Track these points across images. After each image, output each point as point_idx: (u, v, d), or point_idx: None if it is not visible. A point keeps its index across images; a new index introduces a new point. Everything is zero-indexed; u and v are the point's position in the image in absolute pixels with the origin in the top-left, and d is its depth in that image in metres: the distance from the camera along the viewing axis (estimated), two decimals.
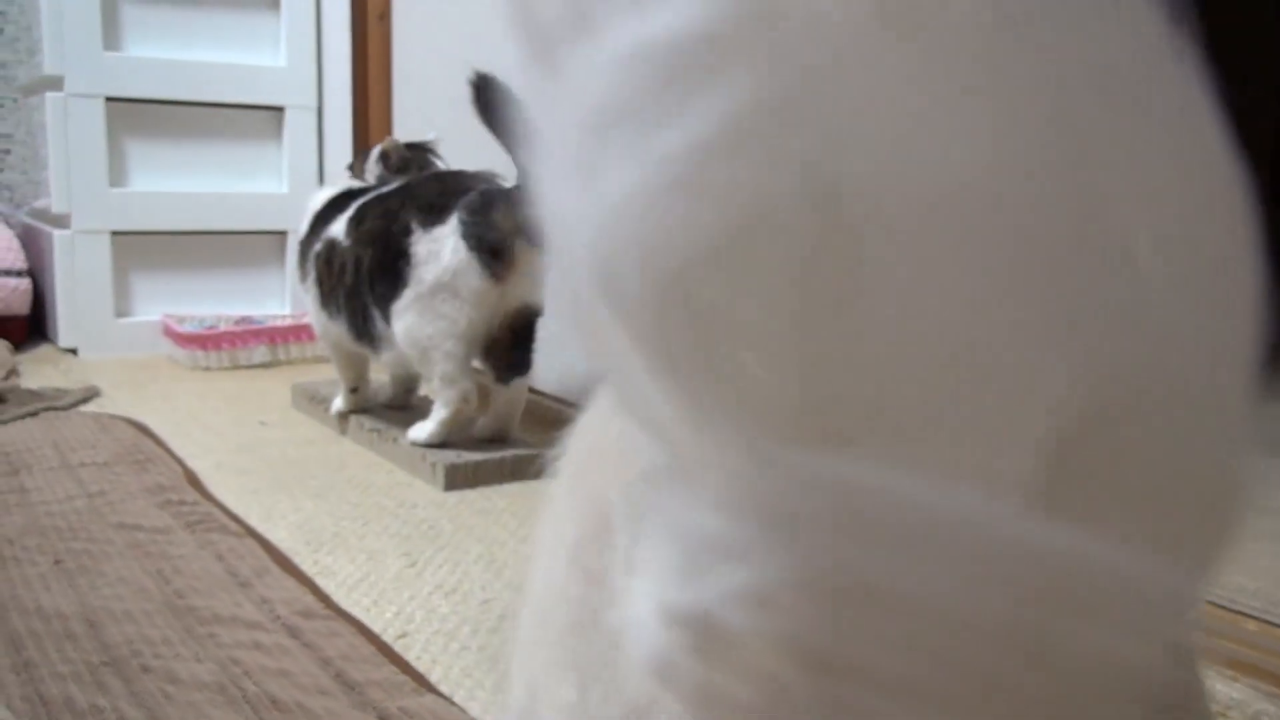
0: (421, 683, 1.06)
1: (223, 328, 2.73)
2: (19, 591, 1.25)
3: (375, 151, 2.06)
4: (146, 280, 2.85)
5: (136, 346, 2.77)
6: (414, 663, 1.12)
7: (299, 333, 2.79)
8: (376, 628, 1.20)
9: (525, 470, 1.80)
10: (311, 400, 2.18)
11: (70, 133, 2.67)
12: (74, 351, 2.75)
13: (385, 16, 2.72)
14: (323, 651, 1.11)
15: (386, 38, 2.73)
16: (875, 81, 0.25)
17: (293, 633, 1.15)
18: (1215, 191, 0.28)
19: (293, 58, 2.95)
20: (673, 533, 0.27)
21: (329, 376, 2.47)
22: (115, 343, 2.76)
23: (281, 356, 2.75)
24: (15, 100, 3.46)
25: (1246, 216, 0.28)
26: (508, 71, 2.29)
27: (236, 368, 2.66)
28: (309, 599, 1.25)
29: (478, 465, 1.76)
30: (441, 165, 2.06)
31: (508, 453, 1.81)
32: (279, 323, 2.84)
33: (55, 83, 2.66)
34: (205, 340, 2.65)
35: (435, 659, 1.13)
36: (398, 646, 1.15)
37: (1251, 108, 0.88)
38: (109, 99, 2.71)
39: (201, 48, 2.84)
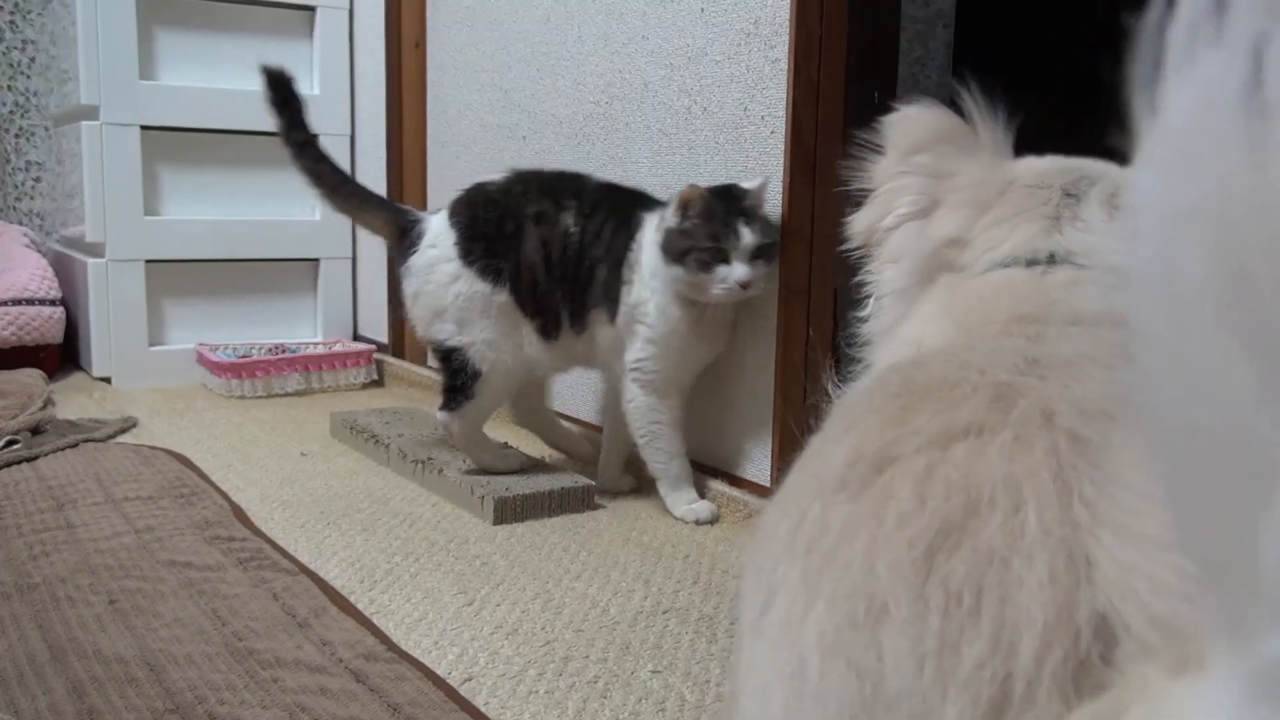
0: None
1: (257, 356, 2.72)
2: (76, 634, 1.23)
3: (674, 199, 1.67)
4: (180, 308, 2.85)
5: (170, 375, 2.77)
6: (483, 708, 1.09)
7: (332, 360, 2.78)
8: (440, 670, 1.18)
9: (572, 502, 1.78)
10: (351, 430, 2.16)
11: (105, 162, 2.67)
12: (108, 380, 2.74)
13: (420, 44, 2.71)
14: (390, 697, 1.09)
15: (421, 65, 2.72)
16: None
17: (358, 677, 1.13)
18: None
19: (326, 85, 2.95)
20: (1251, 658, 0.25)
21: (366, 405, 2.45)
22: (149, 371, 2.76)
23: (315, 385, 2.74)
24: (47, 128, 3.47)
25: None
26: (536, 95, 2.29)
27: (271, 396, 2.65)
28: (370, 640, 1.23)
29: (526, 498, 1.74)
30: (761, 213, 1.67)
31: (555, 485, 1.78)
32: (312, 350, 2.83)
33: (90, 112, 2.66)
34: (240, 369, 2.64)
35: (504, 704, 1.11)
36: (464, 691, 1.13)
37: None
38: (144, 128, 2.71)
39: (235, 76, 2.84)
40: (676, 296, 1.70)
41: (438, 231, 1.85)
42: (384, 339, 2.93)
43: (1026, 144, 0.86)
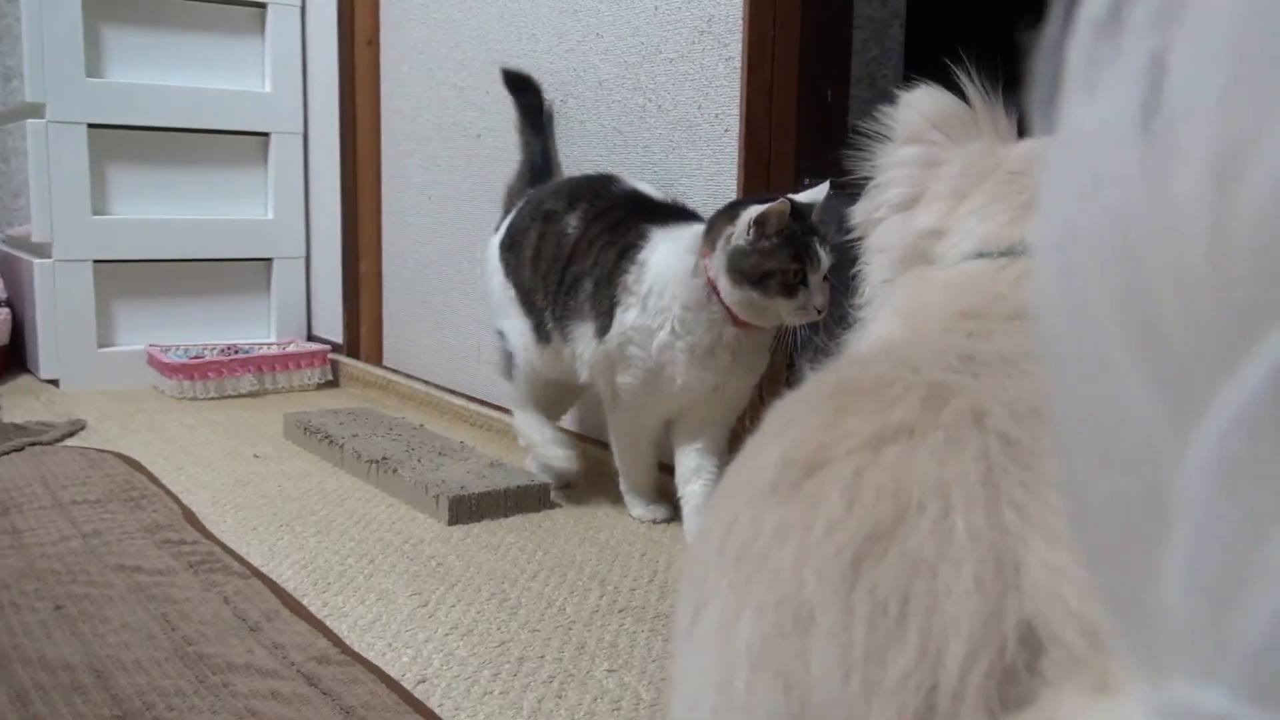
0: None
1: (209, 357, 2.69)
2: (21, 640, 1.21)
3: (749, 215, 1.47)
4: (130, 309, 2.81)
5: (120, 377, 2.72)
6: (437, 710, 1.09)
7: (286, 361, 2.75)
8: (394, 672, 1.17)
9: (528, 501, 1.78)
10: (305, 431, 2.14)
11: (52, 160, 2.63)
12: (55, 383, 2.69)
13: (373, 41, 2.69)
14: (343, 700, 1.08)
15: (375, 63, 2.70)
16: None
17: (310, 680, 1.12)
18: None
19: (278, 83, 2.92)
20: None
21: (320, 406, 2.43)
22: (98, 373, 2.71)
23: (268, 386, 2.71)
24: None
25: None
26: (491, 92, 2.28)
27: (224, 397, 2.62)
28: (323, 643, 1.21)
29: (481, 498, 1.73)
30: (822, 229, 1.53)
31: (511, 484, 1.78)
32: (265, 351, 2.80)
33: (36, 109, 2.62)
34: (192, 370, 2.60)
35: (459, 706, 1.10)
36: (419, 693, 1.12)
37: None
38: (91, 126, 2.67)
39: (185, 73, 2.80)
40: (701, 324, 1.55)
41: (505, 220, 1.90)
42: (339, 339, 2.90)
43: None
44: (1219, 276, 0.22)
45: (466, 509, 1.71)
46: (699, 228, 1.58)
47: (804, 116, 1.70)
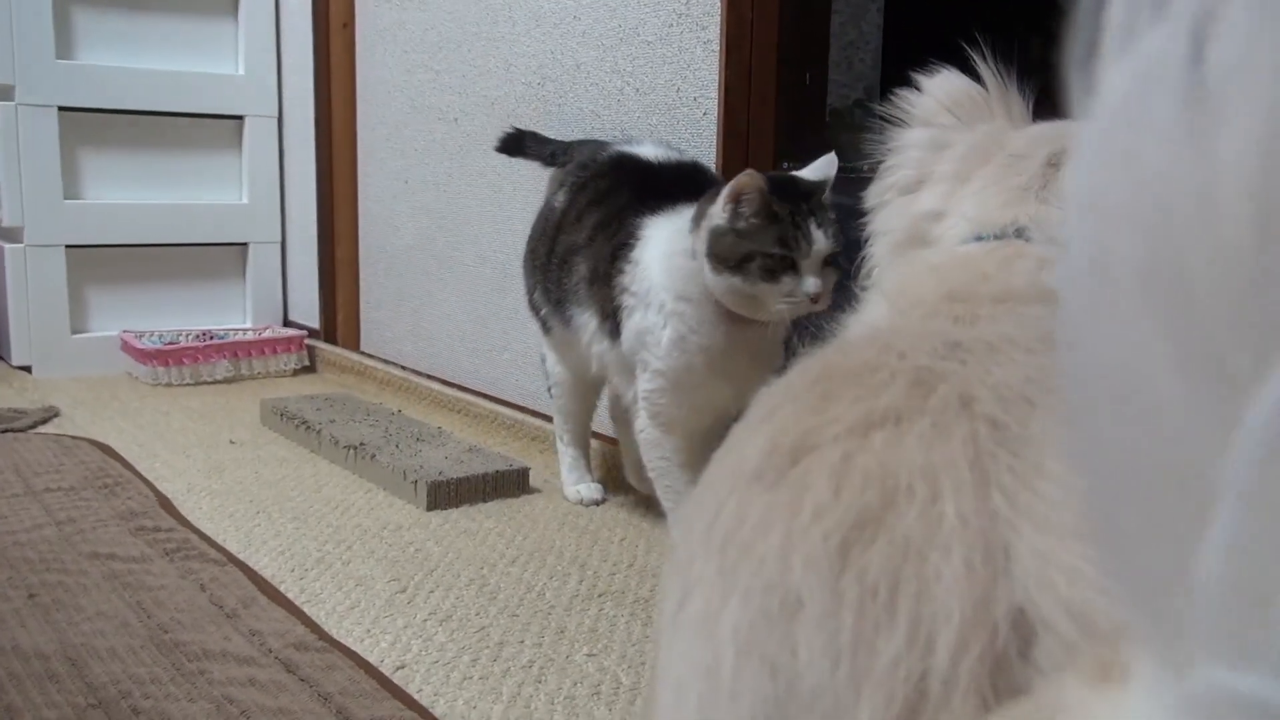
0: (428, 718, 1.03)
1: (184, 343, 2.66)
2: None
3: (726, 191, 1.36)
4: (103, 295, 2.78)
5: (94, 364, 2.69)
6: (416, 696, 1.08)
7: (262, 347, 2.73)
8: (373, 659, 1.16)
9: (507, 486, 1.77)
10: (281, 417, 2.12)
11: (22, 144, 2.59)
12: (28, 369, 2.66)
13: (348, 24, 2.66)
14: (321, 687, 1.07)
15: (350, 46, 2.67)
16: None
17: (288, 667, 1.11)
18: None
19: (252, 66, 2.89)
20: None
21: (297, 392, 2.41)
22: (71, 360, 2.68)
23: (245, 372, 2.69)
24: None
25: None
26: (467, 76, 2.27)
27: (199, 383, 2.60)
28: (300, 630, 1.21)
29: (460, 483, 1.72)
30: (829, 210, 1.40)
31: (489, 468, 1.77)
32: (241, 337, 2.77)
33: (5, 92, 2.57)
34: (166, 356, 2.58)
35: (438, 691, 1.10)
36: (397, 679, 1.12)
37: None
38: (62, 109, 2.63)
39: (158, 56, 2.77)
40: (707, 320, 1.42)
41: None
42: (315, 324, 2.88)
43: None
44: (1264, 248, 0.21)
45: (445, 494, 1.71)
46: (697, 208, 1.45)
47: (782, 99, 1.69)
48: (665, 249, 1.46)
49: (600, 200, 1.57)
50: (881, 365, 0.47)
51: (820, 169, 1.42)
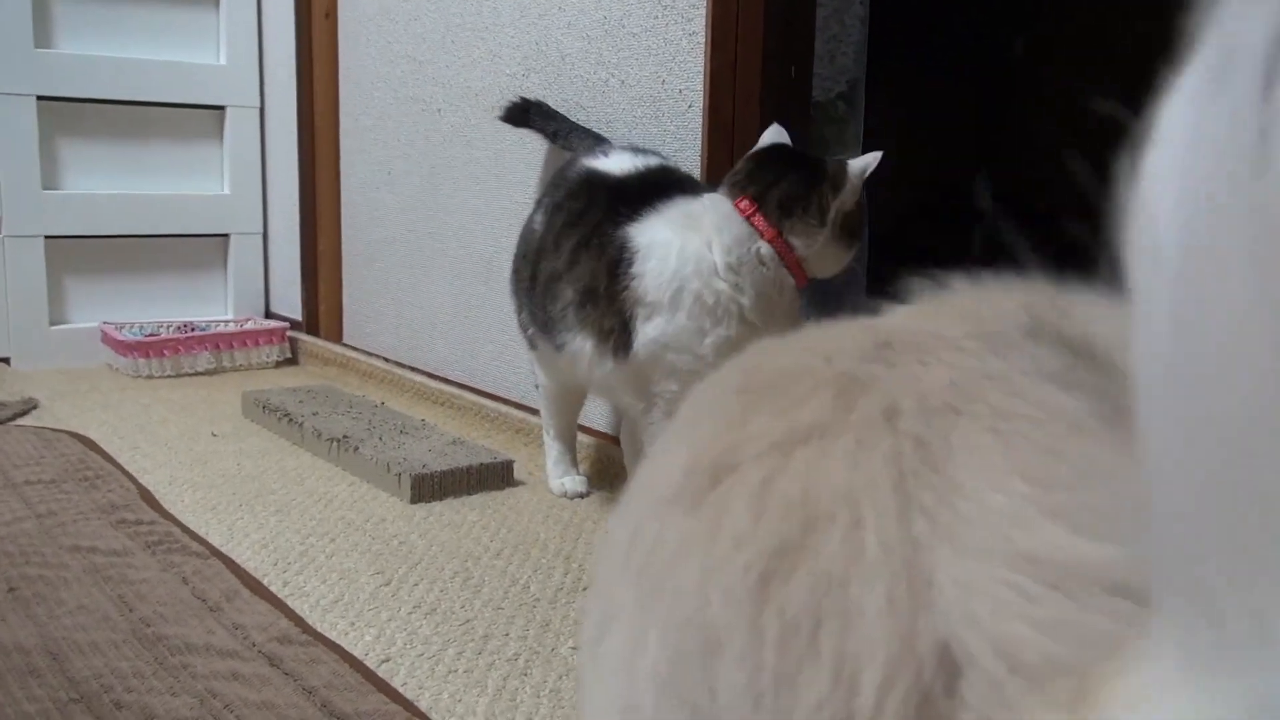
0: (413, 711, 1.02)
1: (165, 334, 2.65)
2: None
3: (858, 177, 1.49)
4: (82, 286, 2.75)
5: (73, 355, 2.67)
6: (401, 689, 1.08)
7: (244, 338, 2.71)
8: (357, 652, 1.16)
9: (491, 479, 1.77)
10: (264, 409, 2.11)
11: (0, 133, 2.56)
12: (6, 361, 2.64)
13: (331, 14, 2.65)
14: (305, 680, 1.07)
15: (332, 36, 2.66)
16: None
17: (272, 661, 1.11)
18: None
19: (233, 56, 2.87)
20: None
21: (279, 384, 2.40)
22: (51, 352, 2.66)
23: (226, 364, 2.67)
24: None
25: None
26: (451, 66, 2.25)
27: (180, 375, 2.58)
28: (284, 623, 1.20)
29: (444, 475, 1.72)
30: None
31: (474, 461, 1.77)
32: (223, 328, 2.76)
33: None
34: (147, 348, 2.56)
35: (423, 684, 1.10)
36: (382, 672, 1.11)
37: None
38: (41, 98, 2.61)
39: (138, 45, 2.74)
40: (765, 300, 1.45)
41: None
42: (298, 316, 2.87)
43: (937, 118, 0.87)
44: None
45: (429, 487, 1.70)
46: (682, 205, 1.48)
47: (767, 92, 1.69)
48: (683, 252, 1.44)
49: (574, 222, 1.55)
50: (805, 372, 0.45)
51: (866, 161, 1.49)
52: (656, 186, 1.54)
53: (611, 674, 0.40)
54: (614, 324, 1.47)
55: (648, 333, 1.45)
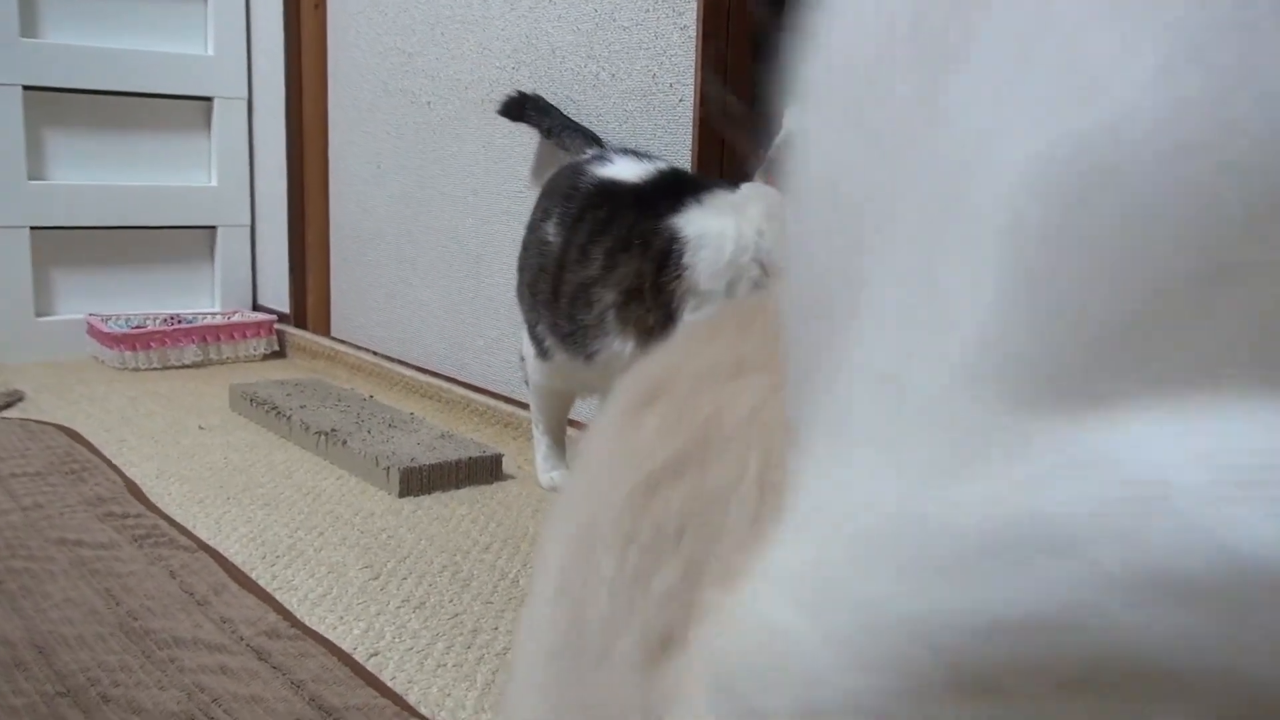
0: (401, 705, 1.02)
1: (151, 326, 2.63)
2: None
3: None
4: (69, 278, 2.74)
5: (59, 348, 2.66)
6: (390, 683, 1.08)
7: (231, 331, 2.70)
8: (346, 646, 1.16)
9: (479, 473, 1.76)
10: (251, 402, 2.11)
11: None
12: None
13: (320, 5, 2.63)
14: (294, 674, 1.06)
15: (321, 27, 2.64)
16: None
17: (260, 655, 1.10)
18: None
19: (221, 47, 2.85)
20: None
21: (267, 377, 2.39)
22: (36, 344, 2.64)
23: (214, 356, 2.66)
24: None
25: None
26: (441, 59, 2.25)
27: (167, 368, 2.57)
28: (272, 617, 1.20)
29: (432, 469, 1.72)
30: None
31: (462, 455, 1.76)
32: (210, 321, 2.75)
33: None
34: (134, 340, 2.55)
35: (411, 678, 1.09)
36: (370, 666, 1.11)
37: None
38: (27, 88, 2.59)
39: (125, 36, 2.72)
40: None
41: None
42: (285, 309, 2.86)
43: None
44: None
45: (417, 481, 1.70)
46: (721, 195, 1.44)
47: (758, 87, 1.69)
48: (734, 234, 1.39)
49: (602, 230, 1.51)
50: (762, 312, 0.47)
51: None
52: (678, 186, 1.50)
53: (542, 574, 0.43)
54: (658, 319, 1.43)
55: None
